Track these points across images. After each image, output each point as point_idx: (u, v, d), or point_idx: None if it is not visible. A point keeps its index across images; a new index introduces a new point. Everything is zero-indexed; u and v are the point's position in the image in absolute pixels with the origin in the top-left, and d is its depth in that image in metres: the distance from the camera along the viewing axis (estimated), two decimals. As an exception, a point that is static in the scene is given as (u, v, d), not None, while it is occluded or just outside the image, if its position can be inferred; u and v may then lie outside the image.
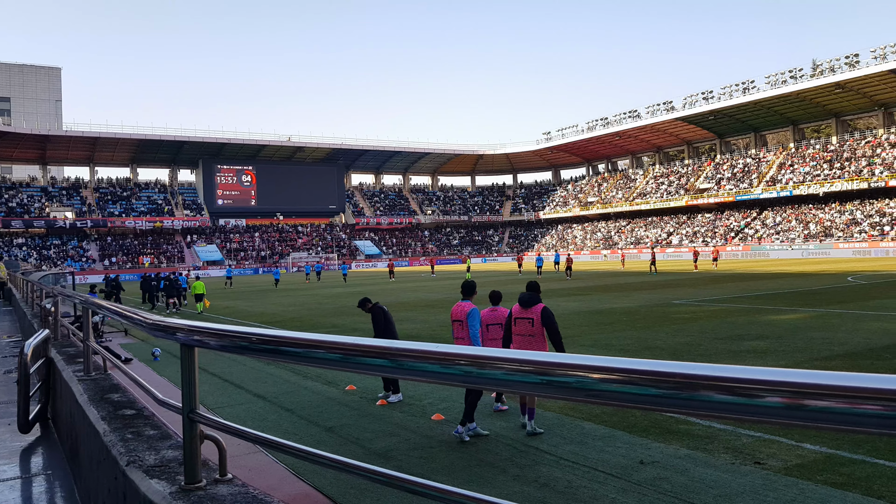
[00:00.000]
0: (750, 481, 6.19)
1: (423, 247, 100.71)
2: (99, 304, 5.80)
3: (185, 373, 3.00)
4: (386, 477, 2.17)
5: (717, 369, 1.37)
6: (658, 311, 20.79)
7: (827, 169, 72.96)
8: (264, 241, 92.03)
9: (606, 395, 1.53)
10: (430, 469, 6.98)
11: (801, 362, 11.73)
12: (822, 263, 50.66)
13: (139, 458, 3.39)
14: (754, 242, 72.21)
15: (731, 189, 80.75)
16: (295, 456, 2.56)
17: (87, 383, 5.77)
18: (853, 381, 1.17)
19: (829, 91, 70.64)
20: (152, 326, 3.49)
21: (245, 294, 40.03)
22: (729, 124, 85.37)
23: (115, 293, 29.36)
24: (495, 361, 1.73)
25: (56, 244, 79.81)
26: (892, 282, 29.44)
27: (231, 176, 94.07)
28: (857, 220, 66.65)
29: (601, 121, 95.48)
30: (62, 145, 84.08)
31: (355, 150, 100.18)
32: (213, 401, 10.53)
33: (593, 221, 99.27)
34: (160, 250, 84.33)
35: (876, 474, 6.20)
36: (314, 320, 22.56)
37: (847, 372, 1.19)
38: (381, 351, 2.04)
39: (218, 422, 2.91)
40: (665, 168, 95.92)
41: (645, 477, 6.43)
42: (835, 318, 17.33)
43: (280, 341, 2.43)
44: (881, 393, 1.13)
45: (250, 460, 7.27)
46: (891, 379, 1.14)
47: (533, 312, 8.04)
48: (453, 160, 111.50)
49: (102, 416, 4.46)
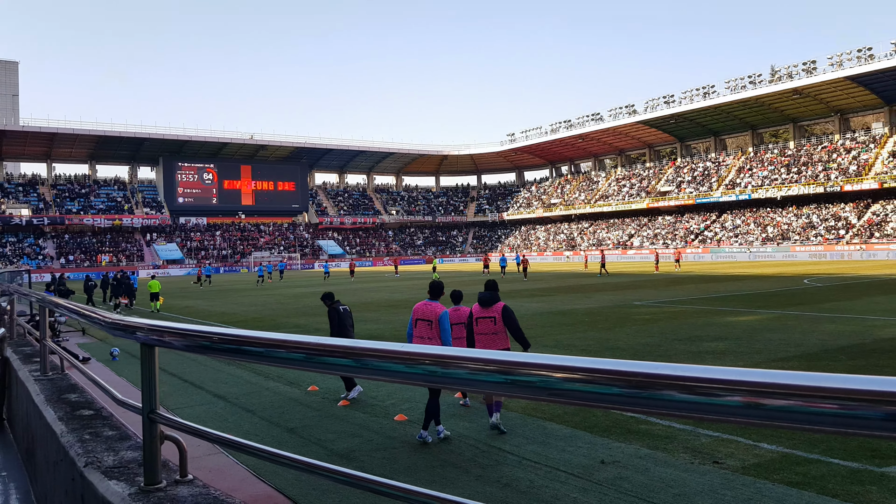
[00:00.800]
0: (708, 480, 6.28)
1: (387, 247, 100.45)
2: (56, 302, 5.68)
3: (145, 372, 2.95)
4: (348, 477, 2.16)
5: (678, 368, 1.39)
6: (619, 312, 21.01)
7: (785, 173, 74.48)
8: (226, 240, 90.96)
9: (570, 394, 1.54)
10: (392, 469, 6.96)
11: (759, 363, 11.95)
12: (779, 266, 51.68)
13: (98, 458, 3.33)
14: (714, 245, 73.39)
15: (692, 192, 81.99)
16: (256, 456, 2.53)
17: (44, 383, 5.65)
18: (809, 380, 1.19)
19: (787, 97, 72.14)
20: (111, 325, 3.43)
21: (206, 293, 39.51)
22: (689, 128, 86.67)
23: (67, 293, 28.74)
24: (459, 361, 1.73)
25: (11, 242, 77.87)
26: (847, 284, 30.15)
27: (192, 174, 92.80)
28: (813, 224, 68.15)
29: (564, 123, 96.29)
30: (18, 140, 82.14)
31: (319, 148, 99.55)
32: (172, 401, 10.37)
33: (556, 223, 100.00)
34: (119, 249, 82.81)
35: (830, 473, 6.34)
36: (277, 320, 22.37)
37: (803, 372, 1.21)
38: (345, 350, 2.02)
39: (178, 422, 2.87)
40: (627, 171, 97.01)
41: (606, 476, 6.49)
42: (791, 320, 17.69)
43: (242, 340, 2.40)
44: (836, 392, 1.16)
45: (211, 461, 7.18)
46: (845, 378, 1.16)
47: (494, 311, 8.32)
48: (418, 160, 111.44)
49: (60, 417, 4.37)
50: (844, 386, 1.15)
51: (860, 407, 1.13)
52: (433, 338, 8.23)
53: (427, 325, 8.32)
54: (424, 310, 8.40)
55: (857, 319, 17.40)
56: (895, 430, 1.10)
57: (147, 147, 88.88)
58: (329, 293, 11.20)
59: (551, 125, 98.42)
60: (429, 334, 8.28)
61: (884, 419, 1.11)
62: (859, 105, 72.53)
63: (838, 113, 74.62)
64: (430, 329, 8.29)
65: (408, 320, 8.88)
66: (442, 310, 8.40)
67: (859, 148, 70.82)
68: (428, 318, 8.32)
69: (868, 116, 74.08)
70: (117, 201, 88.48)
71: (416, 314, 8.49)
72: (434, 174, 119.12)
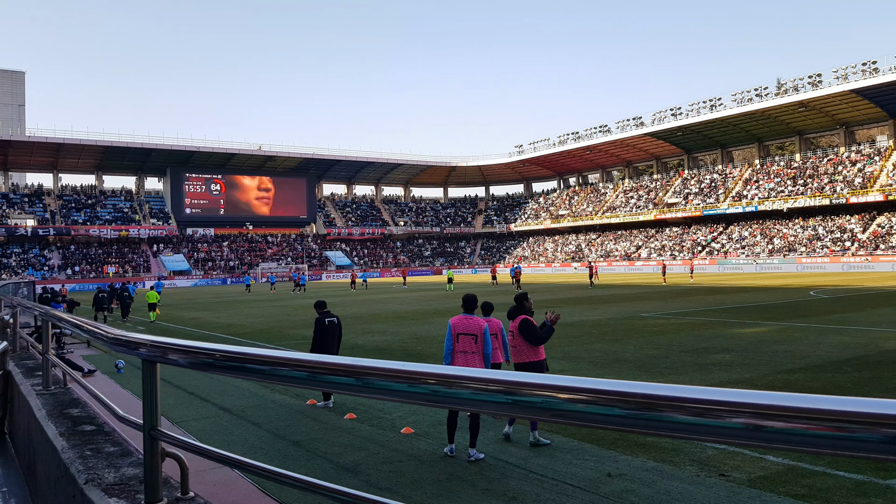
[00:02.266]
0: (714, 493, 6.25)
1: (394, 258, 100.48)
2: (59, 315, 5.69)
3: (146, 388, 2.94)
4: (352, 498, 2.15)
5: (680, 390, 1.38)
6: (626, 324, 20.96)
7: (791, 185, 74.34)
8: (233, 251, 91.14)
9: (573, 415, 1.54)
10: (399, 483, 6.94)
11: (764, 375, 11.88)
12: (785, 278, 51.50)
13: (98, 475, 3.32)
14: (721, 256, 73.19)
15: (699, 204, 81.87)
16: (260, 475, 2.52)
17: (46, 397, 5.65)
18: (809, 402, 1.19)
19: (793, 109, 72.08)
20: (113, 341, 3.42)
21: (212, 305, 39.58)
22: (696, 140, 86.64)
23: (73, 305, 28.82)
24: (462, 381, 1.72)
25: (17, 252, 78.14)
26: (853, 296, 30.02)
27: (200, 185, 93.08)
28: (819, 236, 67.93)
29: (572, 135, 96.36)
30: (25, 151, 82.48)
31: (327, 160, 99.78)
32: (177, 414, 10.37)
33: (564, 234, 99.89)
34: (125, 259, 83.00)
35: (836, 486, 6.31)
36: (283, 332, 22.36)
37: (804, 394, 1.21)
38: (347, 369, 2.01)
39: (179, 440, 2.86)
40: (634, 182, 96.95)
41: (612, 489, 6.46)
42: (797, 332, 17.60)
43: (244, 358, 2.39)
44: (835, 415, 1.15)
45: (215, 475, 7.16)
46: (843, 401, 1.16)
47: (513, 324, 8.71)
48: (426, 171, 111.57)
49: (61, 432, 4.36)
50: (843, 408, 1.15)
51: (859, 430, 1.13)
52: (478, 352, 8.14)
53: (472, 339, 8.20)
54: (467, 324, 8.28)
55: (863, 331, 17.31)
56: (894, 452, 1.10)
57: (154, 158, 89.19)
58: (320, 301, 11.14)
59: (559, 137, 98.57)
60: (473, 348, 8.17)
61: (882, 441, 1.10)
62: (864, 118, 72.44)
63: (843, 125, 74.52)
64: (476, 344, 8.19)
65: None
66: (485, 323, 8.43)
67: (864, 160, 70.68)
68: (472, 333, 8.21)
69: (873, 129, 74.00)
70: (124, 212, 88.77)
71: (456, 329, 8.34)
72: (442, 185, 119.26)
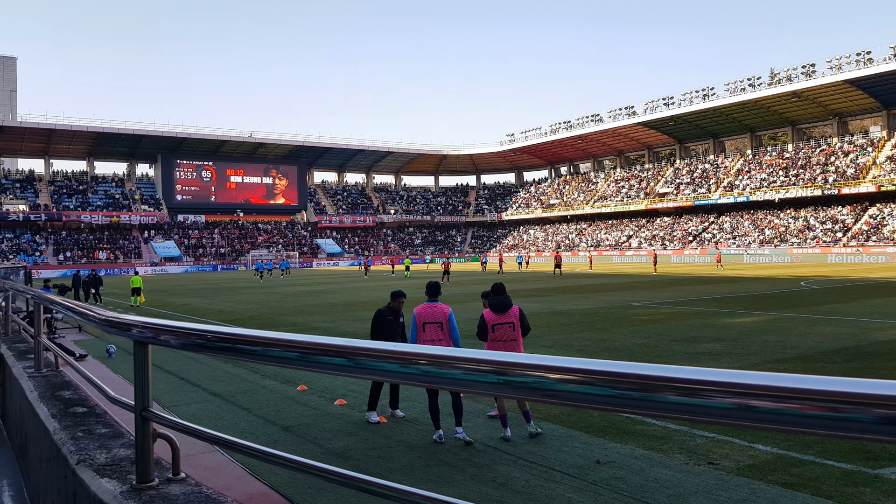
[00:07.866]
0: (703, 481, 6.28)
1: (385, 246, 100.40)
2: (51, 299, 5.67)
3: (137, 370, 2.94)
4: (342, 477, 2.15)
5: (671, 370, 1.38)
6: (617, 313, 21.02)
7: (783, 176, 74.56)
8: (224, 237, 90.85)
9: (564, 395, 1.54)
10: (387, 469, 6.96)
11: (754, 364, 11.95)
12: (776, 268, 51.71)
13: (90, 456, 3.32)
14: (711, 247, 73.45)
15: (690, 194, 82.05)
16: (250, 456, 2.53)
17: (38, 380, 5.63)
18: (801, 382, 1.19)
19: (785, 99, 72.19)
20: (105, 322, 3.42)
21: (202, 291, 39.48)
22: (689, 130, 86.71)
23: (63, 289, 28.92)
24: (454, 361, 1.72)
25: (8, 238, 77.71)
26: (843, 287, 30.18)
27: (191, 171, 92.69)
28: (810, 226, 68.22)
29: (564, 124, 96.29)
30: (16, 136, 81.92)
31: (318, 147, 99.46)
32: (168, 399, 10.35)
33: (555, 223, 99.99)
34: (116, 246, 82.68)
35: (825, 475, 6.35)
36: (274, 319, 22.33)
37: (795, 374, 1.21)
38: (339, 350, 2.01)
39: (171, 420, 2.86)
40: (626, 172, 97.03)
41: (601, 476, 6.49)
42: (787, 322, 17.70)
43: (236, 339, 2.39)
44: (827, 395, 1.16)
45: (206, 459, 7.16)
46: (836, 381, 1.16)
47: (511, 316, 8.12)
48: (417, 160, 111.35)
49: (53, 414, 4.36)
50: (835, 388, 1.15)
51: (852, 410, 1.13)
52: (444, 339, 8.05)
53: (437, 327, 8.10)
54: (433, 312, 8.16)
55: (854, 322, 17.41)
56: (887, 433, 1.10)
57: (146, 144, 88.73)
58: (400, 291, 9.20)
59: (551, 126, 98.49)
60: (440, 336, 8.08)
61: (875, 422, 1.11)
62: (857, 108, 72.60)
63: (837, 116, 74.70)
64: (442, 331, 8.11)
65: (407, 321, 8.82)
66: (448, 309, 8.28)
67: (857, 151, 70.90)
68: (437, 321, 8.12)
69: (866, 120, 74.19)
70: (115, 198, 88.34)
71: (421, 318, 8.13)
72: (433, 174, 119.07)
